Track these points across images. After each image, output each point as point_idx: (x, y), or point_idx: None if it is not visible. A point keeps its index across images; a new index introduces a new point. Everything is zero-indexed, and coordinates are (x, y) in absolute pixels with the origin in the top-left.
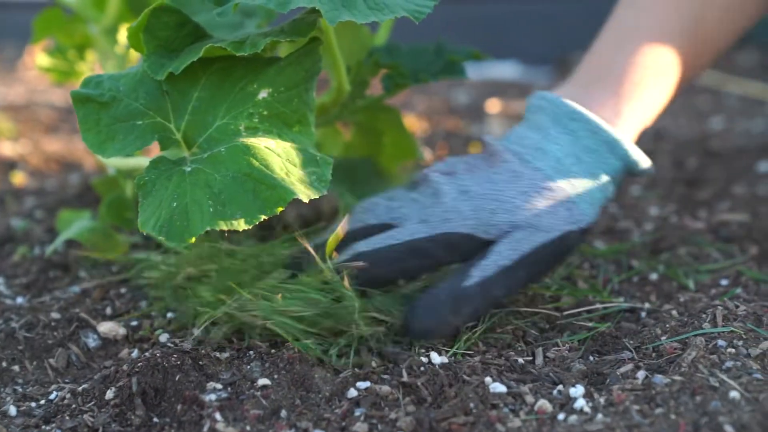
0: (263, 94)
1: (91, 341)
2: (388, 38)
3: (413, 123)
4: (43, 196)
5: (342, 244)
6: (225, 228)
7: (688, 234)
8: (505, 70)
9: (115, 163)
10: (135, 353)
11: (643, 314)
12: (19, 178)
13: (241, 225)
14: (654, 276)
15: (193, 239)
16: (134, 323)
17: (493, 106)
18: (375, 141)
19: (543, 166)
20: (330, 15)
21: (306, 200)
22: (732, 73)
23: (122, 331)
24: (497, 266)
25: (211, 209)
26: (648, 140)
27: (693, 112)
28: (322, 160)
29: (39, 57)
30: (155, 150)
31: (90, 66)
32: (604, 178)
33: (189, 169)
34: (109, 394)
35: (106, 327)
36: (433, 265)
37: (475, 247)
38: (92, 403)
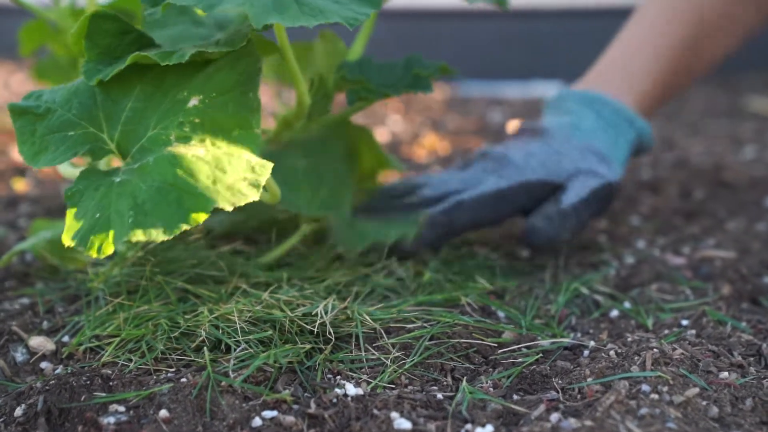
0: (194, 101)
1: (19, 355)
2: (363, 52)
3: (434, 142)
4: (37, 205)
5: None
6: (143, 238)
7: (666, 270)
8: (549, 89)
9: (67, 172)
10: (59, 369)
11: (586, 353)
12: (20, 185)
13: (160, 235)
14: (615, 312)
15: (112, 250)
16: (66, 338)
17: (513, 126)
18: (353, 152)
19: (583, 136)
20: (257, 18)
21: (229, 208)
22: None
23: (51, 346)
24: (578, 196)
25: (131, 219)
26: (665, 167)
27: (731, 139)
28: (258, 165)
29: (35, 65)
30: None
31: None
32: (625, 146)
33: (118, 179)
34: (18, 411)
35: (36, 341)
36: (515, 211)
37: (548, 191)
38: (1, 419)
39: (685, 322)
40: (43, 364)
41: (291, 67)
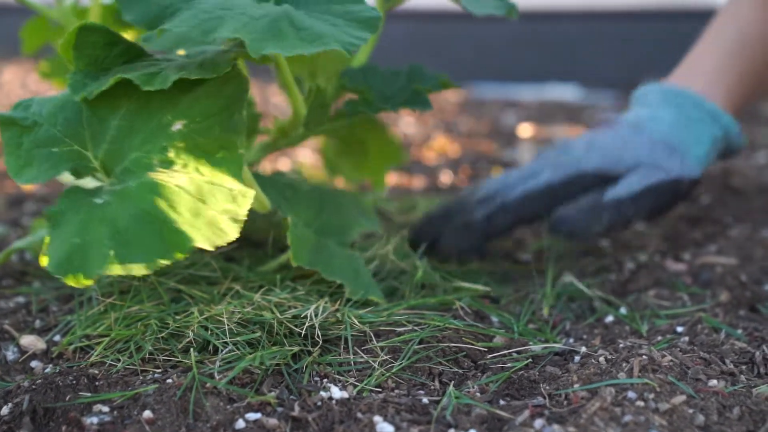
0: (178, 126)
1: (10, 354)
2: (368, 59)
3: (444, 145)
4: (43, 203)
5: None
6: (121, 273)
7: (665, 276)
8: (566, 92)
9: (67, 179)
10: (49, 369)
11: (577, 358)
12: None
13: (140, 270)
14: (610, 318)
15: (90, 282)
16: (57, 338)
17: (525, 130)
18: (359, 149)
19: (657, 128)
20: (254, 46)
21: (210, 248)
22: None
23: (42, 345)
24: (628, 191)
25: (111, 251)
26: None
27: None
28: (239, 194)
29: (41, 64)
30: None
31: None
32: (707, 143)
33: (101, 201)
34: (5, 410)
35: (27, 340)
36: (568, 203)
37: (604, 183)
38: None
39: (680, 329)
40: (33, 363)
41: (285, 77)
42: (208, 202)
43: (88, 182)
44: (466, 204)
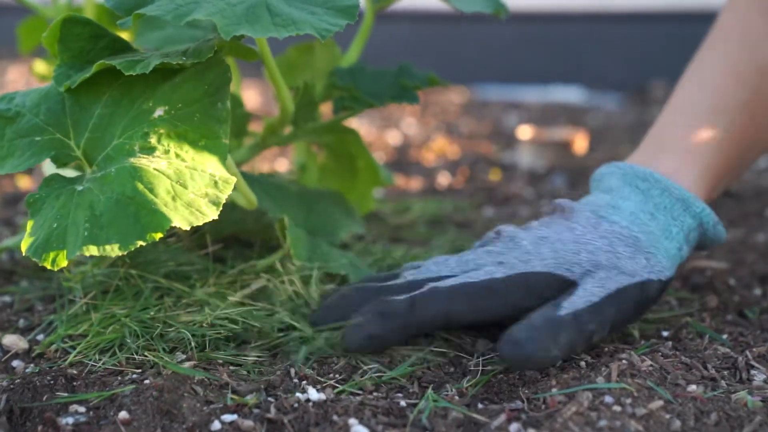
0: (159, 112)
1: None
2: (358, 58)
3: (444, 146)
4: None
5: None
6: (96, 253)
7: None
8: (570, 94)
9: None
10: (30, 368)
11: (558, 362)
12: (24, 182)
13: (114, 250)
14: None
15: (65, 263)
16: (40, 337)
17: (524, 132)
18: (348, 165)
19: (618, 218)
20: (226, 29)
21: (186, 227)
22: None
23: (24, 344)
24: (586, 301)
25: (86, 232)
26: None
27: None
28: (221, 180)
29: (36, 64)
30: None
31: None
32: (679, 236)
33: (81, 188)
34: None
35: (9, 340)
36: (511, 310)
37: (556, 289)
38: None
39: (665, 333)
40: (15, 363)
41: (272, 74)
42: (187, 186)
43: (70, 173)
44: (388, 287)
